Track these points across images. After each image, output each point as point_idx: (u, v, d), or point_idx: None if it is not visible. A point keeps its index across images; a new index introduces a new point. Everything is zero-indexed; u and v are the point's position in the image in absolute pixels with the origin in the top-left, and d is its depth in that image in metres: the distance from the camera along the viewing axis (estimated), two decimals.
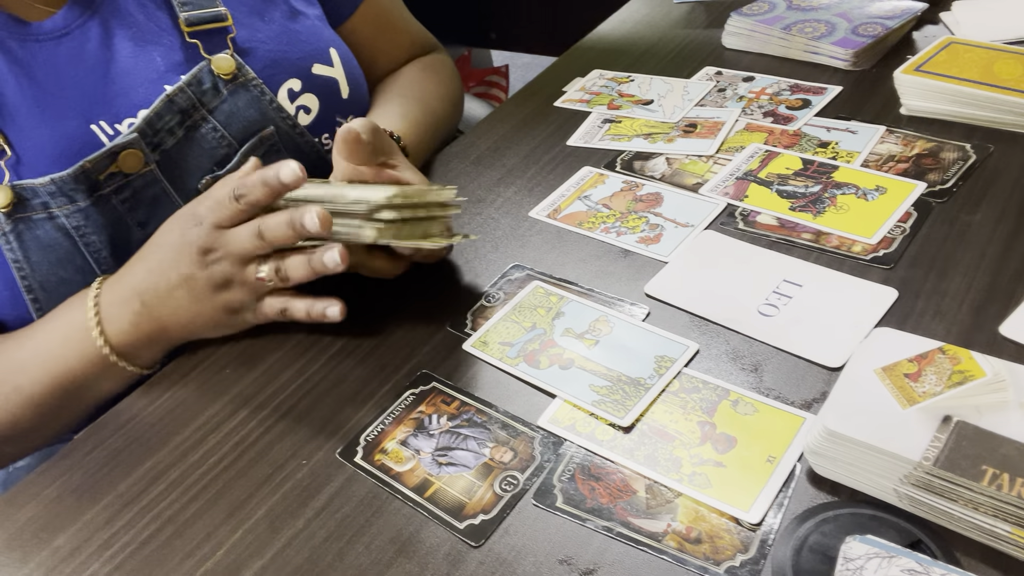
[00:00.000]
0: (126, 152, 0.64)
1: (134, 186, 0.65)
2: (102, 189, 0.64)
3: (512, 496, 0.49)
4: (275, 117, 0.71)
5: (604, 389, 0.54)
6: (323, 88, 0.75)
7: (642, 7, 1.07)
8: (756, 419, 0.51)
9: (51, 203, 0.62)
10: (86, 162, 0.62)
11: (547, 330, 0.60)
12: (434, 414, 0.55)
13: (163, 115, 0.66)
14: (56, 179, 0.62)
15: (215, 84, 0.68)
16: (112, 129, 0.65)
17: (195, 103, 0.67)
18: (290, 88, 0.72)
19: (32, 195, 0.62)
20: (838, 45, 0.86)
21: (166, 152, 0.67)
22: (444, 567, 0.46)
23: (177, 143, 0.67)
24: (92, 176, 0.63)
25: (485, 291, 0.65)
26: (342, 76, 0.76)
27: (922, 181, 0.69)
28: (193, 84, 0.67)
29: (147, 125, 0.65)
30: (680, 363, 0.55)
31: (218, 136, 0.68)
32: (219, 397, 0.59)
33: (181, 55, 0.68)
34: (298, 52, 0.73)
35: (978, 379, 0.48)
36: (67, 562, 0.49)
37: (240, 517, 0.51)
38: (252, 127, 0.70)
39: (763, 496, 0.47)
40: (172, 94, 0.66)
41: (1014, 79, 0.74)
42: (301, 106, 0.73)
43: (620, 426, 0.52)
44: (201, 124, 0.68)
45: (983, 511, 0.42)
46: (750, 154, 0.75)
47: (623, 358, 0.56)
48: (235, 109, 0.69)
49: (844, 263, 0.62)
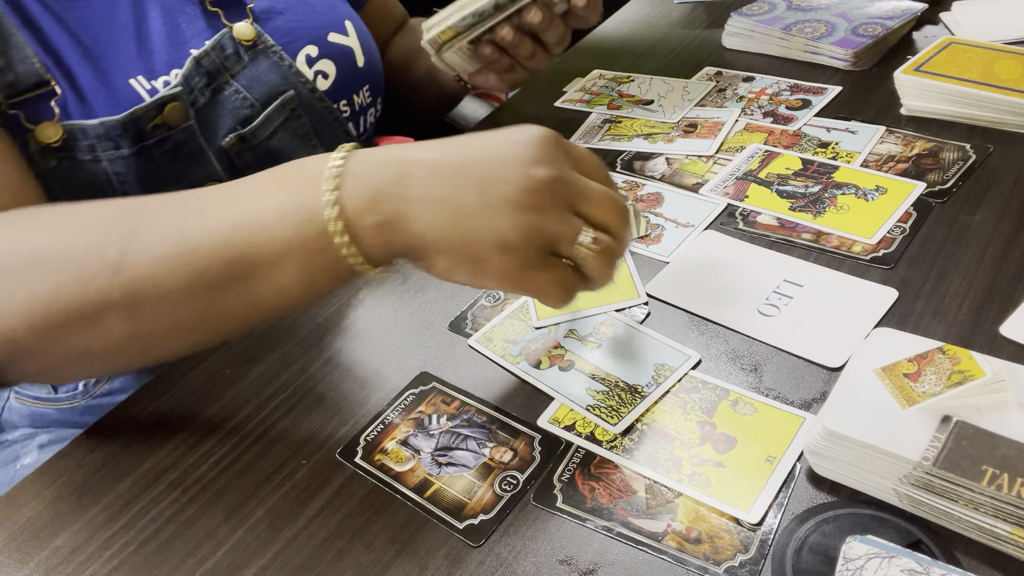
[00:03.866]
0: (172, 105, 0.66)
1: (175, 140, 0.68)
2: (146, 140, 0.66)
3: (512, 496, 0.49)
4: (295, 81, 0.74)
5: (600, 394, 0.54)
6: (339, 55, 0.78)
7: (642, 7, 1.07)
8: (756, 419, 0.51)
9: (97, 146, 0.64)
10: (137, 109, 0.65)
11: (551, 330, 0.60)
12: (434, 414, 0.55)
13: (193, 76, 0.69)
14: (106, 122, 0.64)
15: (236, 50, 0.72)
16: (150, 85, 0.67)
17: (219, 67, 0.71)
18: (307, 54, 0.76)
19: (81, 136, 0.64)
20: (838, 45, 0.86)
21: (198, 111, 0.70)
22: (444, 567, 0.46)
23: (206, 103, 0.70)
24: (140, 125, 0.65)
25: (486, 291, 0.65)
26: (357, 46, 0.81)
27: (922, 181, 0.69)
28: (216, 49, 0.70)
29: (184, 82, 0.68)
30: (679, 373, 0.55)
31: (241, 98, 0.72)
32: (219, 397, 0.59)
33: (203, 23, 0.72)
34: (314, 21, 0.78)
35: (978, 379, 0.48)
36: (67, 562, 0.49)
37: (240, 517, 0.51)
38: (274, 91, 0.73)
39: (763, 496, 0.47)
40: (199, 56, 0.69)
41: (1014, 79, 0.74)
42: (319, 71, 0.77)
43: (613, 432, 0.52)
44: (225, 87, 0.71)
45: (983, 511, 0.42)
46: (750, 154, 0.75)
47: (623, 364, 0.56)
48: (257, 74, 0.73)
49: (844, 263, 0.62)
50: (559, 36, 0.75)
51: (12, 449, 0.78)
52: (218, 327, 0.50)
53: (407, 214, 0.45)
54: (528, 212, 0.45)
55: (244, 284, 0.47)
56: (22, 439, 0.78)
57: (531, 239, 0.45)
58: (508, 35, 0.73)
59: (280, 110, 0.73)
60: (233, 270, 0.47)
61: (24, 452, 0.77)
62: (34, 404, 0.79)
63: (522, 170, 0.45)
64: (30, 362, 0.51)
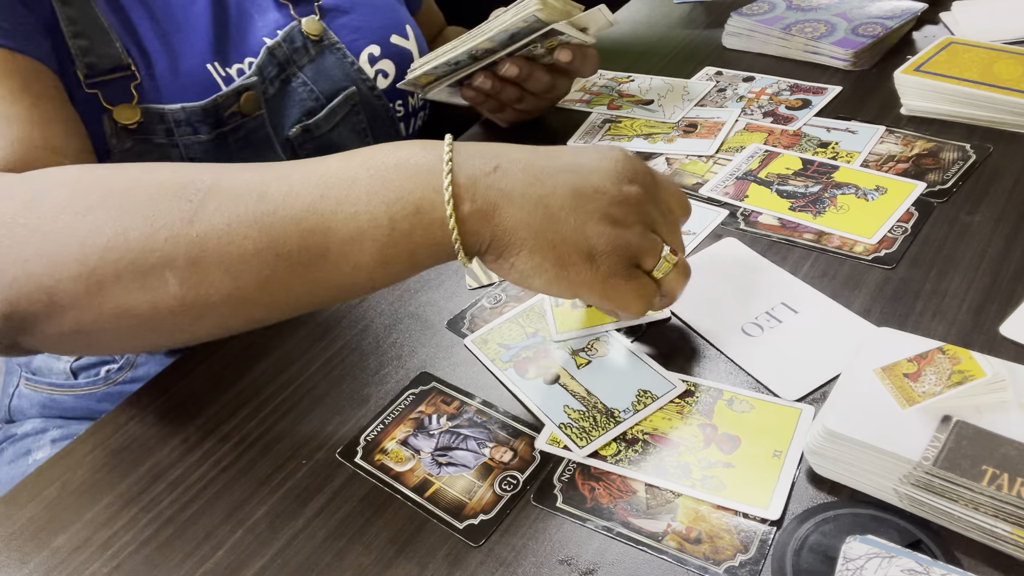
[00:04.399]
0: (248, 93, 0.69)
1: (248, 127, 0.70)
2: (223, 126, 0.68)
3: (512, 496, 0.49)
4: (356, 79, 0.77)
5: (576, 414, 0.53)
6: (399, 57, 0.82)
7: (642, 7, 1.07)
8: (754, 415, 0.51)
9: (175, 130, 0.66)
10: (219, 96, 0.67)
11: (546, 339, 0.59)
12: (434, 414, 0.55)
13: (266, 66, 0.71)
14: (187, 107, 0.66)
15: (304, 44, 0.74)
16: (224, 72, 0.69)
17: (289, 58, 0.73)
18: (370, 52, 0.79)
19: (159, 120, 0.66)
20: (838, 45, 0.86)
21: (268, 100, 0.72)
22: (444, 567, 0.46)
23: (276, 93, 0.73)
24: (220, 111, 0.68)
25: (487, 292, 0.65)
26: (415, 49, 0.84)
27: (922, 181, 0.69)
28: (287, 41, 0.73)
29: (258, 71, 0.70)
30: (661, 402, 0.53)
31: (308, 89, 0.74)
32: (219, 397, 0.59)
33: (275, 14, 0.74)
34: (378, 22, 0.81)
35: (978, 379, 0.48)
36: (67, 562, 0.49)
37: (240, 517, 0.51)
38: (338, 85, 0.76)
39: (779, 490, 0.47)
40: (272, 47, 0.72)
41: (1014, 79, 0.74)
42: (380, 70, 0.80)
43: (575, 455, 0.51)
44: (293, 79, 0.74)
45: (983, 511, 0.42)
46: (750, 154, 0.75)
47: (607, 385, 0.55)
48: (322, 68, 0.75)
49: (845, 263, 0.62)
50: (544, 86, 0.76)
51: (24, 443, 0.78)
52: (276, 301, 0.47)
53: (502, 206, 0.45)
54: (617, 225, 0.47)
55: (317, 256, 0.45)
56: (34, 433, 0.78)
57: (619, 249, 0.47)
58: (485, 84, 0.75)
59: (343, 105, 0.76)
60: (310, 240, 0.45)
61: (36, 447, 0.77)
62: (49, 390, 0.79)
63: (617, 185, 0.47)
64: (63, 321, 0.46)
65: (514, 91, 0.77)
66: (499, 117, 0.82)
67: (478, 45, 0.71)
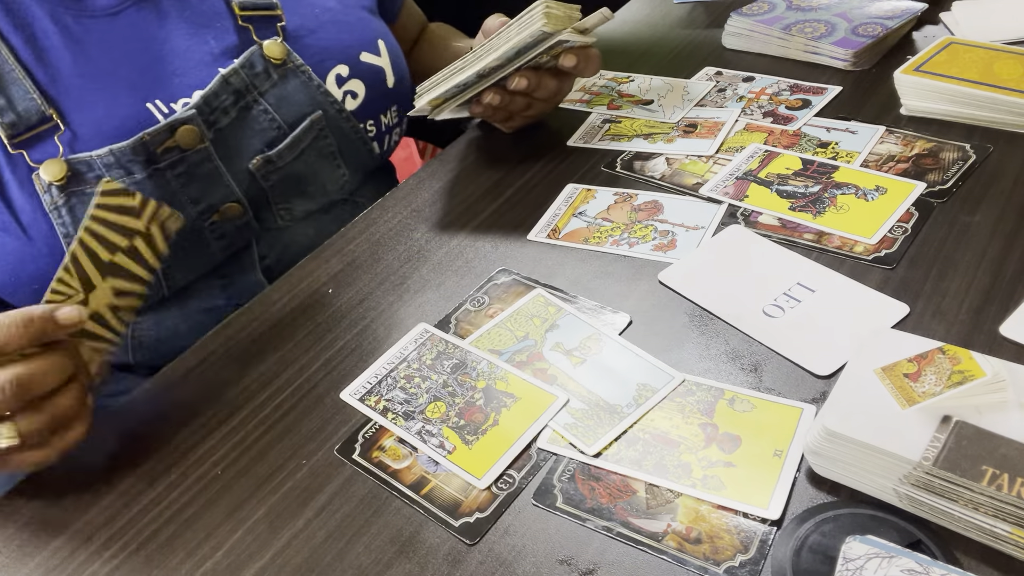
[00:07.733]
0: (184, 128, 0.66)
1: (189, 161, 0.67)
2: (158, 163, 0.65)
3: (508, 494, 0.49)
4: (323, 102, 0.74)
5: (579, 412, 0.53)
6: (369, 75, 0.78)
7: (642, 7, 1.07)
8: (755, 415, 0.51)
9: (106, 175, 0.63)
10: (145, 134, 0.64)
11: (537, 342, 0.59)
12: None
13: (219, 94, 0.68)
14: (115, 150, 0.63)
15: (266, 68, 0.71)
16: (167, 108, 0.67)
17: (248, 85, 0.70)
18: (338, 73, 0.76)
19: (87, 168, 0.63)
20: (838, 45, 0.86)
21: (220, 131, 0.69)
22: (444, 567, 0.46)
23: (231, 123, 0.69)
24: (150, 148, 0.65)
25: (470, 294, 0.64)
26: (388, 66, 0.80)
27: (922, 181, 0.68)
28: (246, 67, 0.70)
29: (204, 103, 0.67)
30: (661, 394, 0.54)
31: (269, 118, 0.71)
32: (219, 397, 0.59)
33: (234, 39, 0.71)
34: (347, 40, 0.77)
35: (978, 379, 0.48)
36: (67, 562, 0.49)
37: (240, 517, 0.51)
38: (302, 111, 0.73)
39: (779, 490, 0.47)
40: (228, 75, 0.69)
41: (1014, 79, 0.74)
42: (348, 91, 0.76)
43: (587, 451, 0.51)
44: (253, 106, 0.71)
45: (983, 511, 0.42)
46: (750, 154, 0.75)
47: (605, 381, 0.55)
48: (285, 93, 0.72)
49: (845, 263, 0.62)
50: (550, 92, 0.76)
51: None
52: None
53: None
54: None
55: None
56: None
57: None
58: (495, 99, 0.74)
59: (308, 131, 0.73)
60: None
61: None
62: None
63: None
64: None
65: (523, 101, 0.76)
66: (507, 125, 0.83)
67: (486, 65, 0.71)
